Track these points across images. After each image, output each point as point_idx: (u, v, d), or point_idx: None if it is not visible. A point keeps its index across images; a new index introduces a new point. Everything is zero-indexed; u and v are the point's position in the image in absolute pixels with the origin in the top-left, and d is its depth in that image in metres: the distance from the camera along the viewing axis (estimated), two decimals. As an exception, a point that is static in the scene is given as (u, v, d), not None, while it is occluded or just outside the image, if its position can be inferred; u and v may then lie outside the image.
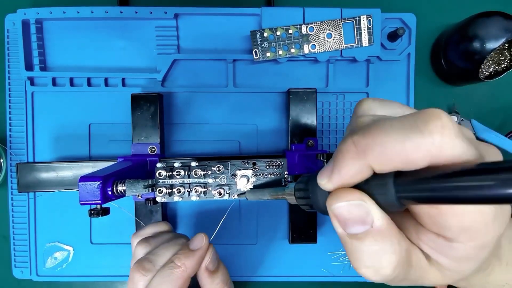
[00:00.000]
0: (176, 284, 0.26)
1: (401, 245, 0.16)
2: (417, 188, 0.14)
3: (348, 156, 0.15)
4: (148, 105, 0.36)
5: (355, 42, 0.37)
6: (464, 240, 0.15)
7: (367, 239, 0.15)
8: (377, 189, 0.15)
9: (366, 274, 0.16)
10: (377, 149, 0.14)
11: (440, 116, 0.13)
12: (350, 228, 0.16)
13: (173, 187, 0.30)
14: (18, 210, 0.39)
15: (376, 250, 0.15)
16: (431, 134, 0.13)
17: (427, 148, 0.13)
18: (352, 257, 0.16)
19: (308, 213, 0.37)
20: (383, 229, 0.15)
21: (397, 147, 0.14)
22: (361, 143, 0.15)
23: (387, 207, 0.15)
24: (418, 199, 0.14)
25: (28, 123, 0.39)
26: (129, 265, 0.39)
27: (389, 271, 0.15)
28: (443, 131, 0.13)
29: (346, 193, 0.16)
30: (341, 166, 0.15)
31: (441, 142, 0.13)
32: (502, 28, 0.34)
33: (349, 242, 0.16)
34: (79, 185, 0.27)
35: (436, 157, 0.13)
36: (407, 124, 0.14)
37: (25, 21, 0.37)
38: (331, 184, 0.16)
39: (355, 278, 0.40)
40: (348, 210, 0.15)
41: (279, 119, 0.39)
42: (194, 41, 0.39)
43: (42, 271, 0.39)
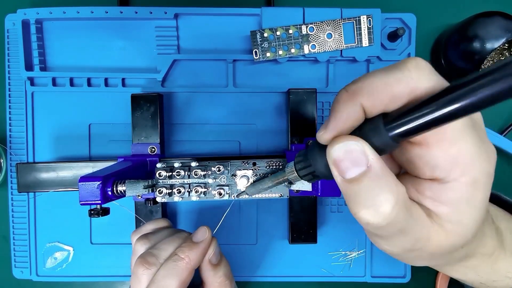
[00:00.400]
0: (181, 276, 0.26)
1: (398, 187, 0.16)
2: (404, 120, 0.15)
3: (341, 101, 0.17)
4: (148, 105, 0.36)
5: (355, 42, 0.37)
6: (455, 176, 0.16)
7: (364, 180, 0.16)
8: (370, 132, 0.16)
9: (366, 216, 0.16)
10: (365, 88, 0.16)
11: (415, 58, 0.16)
12: (347, 172, 0.16)
13: (173, 187, 0.30)
14: (18, 210, 0.39)
15: (373, 188, 0.16)
16: (409, 70, 0.16)
17: (407, 81, 0.16)
18: (352, 203, 0.17)
19: (308, 213, 0.37)
20: (378, 169, 0.16)
21: (382, 84, 0.16)
22: (351, 87, 0.17)
23: (384, 148, 0.16)
24: (406, 131, 0.15)
25: (28, 123, 0.39)
26: (129, 265, 0.39)
27: (388, 208, 0.16)
28: (418, 67, 0.16)
29: (342, 137, 0.17)
30: (336, 111, 0.17)
31: (417, 75, 0.16)
32: (502, 28, 0.34)
33: (348, 187, 0.17)
34: (79, 185, 0.27)
35: (415, 88, 0.16)
36: (389, 67, 0.17)
37: (25, 21, 0.37)
38: (327, 132, 0.17)
39: (355, 278, 0.40)
40: (344, 151, 0.16)
41: (279, 119, 0.39)
42: (194, 41, 0.39)
43: (42, 271, 0.39)
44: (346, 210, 0.40)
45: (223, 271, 0.29)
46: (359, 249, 0.40)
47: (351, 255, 0.40)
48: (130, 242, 0.39)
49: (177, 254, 0.27)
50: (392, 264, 0.40)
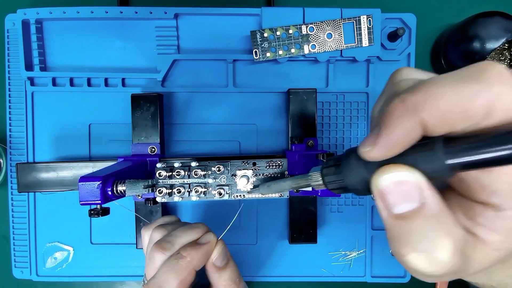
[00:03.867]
0: (180, 274, 0.26)
1: (458, 229, 0.14)
2: (472, 150, 0.13)
3: (396, 115, 0.14)
4: (148, 105, 0.36)
5: (355, 42, 0.37)
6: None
7: (417, 219, 0.14)
8: (424, 157, 0.14)
9: (417, 262, 0.14)
10: (430, 102, 0.13)
11: (496, 65, 0.13)
12: (397, 206, 0.14)
13: (173, 187, 0.30)
14: (18, 210, 0.39)
15: (428, 229, 0.13)
16: (489, 82, 0.12)
17: (486, 96, 0.12)
18: (398, 243, 0.14)
19: (308, 213, 0.37)
20: (436, 207, 0.14)
21: (453, 98, 0.13)
22: (411, 99, 0.13)
23: (435, 176, 0.14)
24: (472, 163, 0.13)
25: (28, 123, 0.39)
26: (129, 265, 0.39)
27: (447, 257, 0.13)
28: (502, 79, 0.12)
29: (393, 166, 0.14)
30: (388, 126, 0.14)
31: (500, 90, 0.12)
32: (502, 28, 0.34)
33: (395, 224, 0.14)
34: (79, 185, 0.27)
35: (494, 107, 0.12)
36: (461, 75, 0.13)
37: (25, 21, 0.37)
38: (376, 150, 0.14)
39: (355, 278, 0.40)
40: (395, 183, 0.14)
41: (279, 119, 0.39)
42: (194, 41, 0.39)
43: (42, 271, 0.39)
44: (346, 210, 0.40)
45: (229, 275, 0.29)
46: (359, 249, 0.40)
47: (351, 255, 0.40)
48: (130, 242, 0.39)
49: (180, 252, 0.27)
50: (392, 264, 0.40)
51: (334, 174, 0.18)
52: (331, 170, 0.19)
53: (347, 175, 0.17)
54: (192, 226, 0.30)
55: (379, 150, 0.14)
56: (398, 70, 0.17)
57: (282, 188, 0.26)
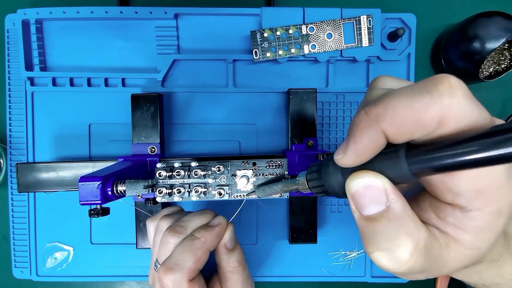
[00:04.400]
0: (196, 253, 0.27)
1: (419, 230, 0.15)
2: (430, 157, 0.14)
3: (361, 125, 0.15)
4: (148, 105, 0.36)
5: (355, 42, 0.37)
6: (479, 205, 0.15)
7: (382, 220, 0.15)
8: (390, 164, 0.15)
9: (380, 259, 0.15)
10: (388, 114, 0.14)
11: (448, 78, 0.14)
12: (365, 209, 0.16)
13: (173, 187, 0.30)
14: (18, 210, 0.39)
15: (391, 231, 0.15)
16: (440, 94, 0.13)
17: (437, 108, 0.13)
18: (366, 241, 0.16)
19: (308, 213, 0.37)
20: (399, 210, 0.15)
21: (407, 110, 0.14)
22: (373, 111, 0.15)
23: (401, 181, 0.15)
24: (431, 168, 0.14)
25: (28, 123, 0.39)
26: (129, 265, 0.39)
27: (406, 255, 0.15)
28: (452, 92, 0.13)
29: (362, 172, 0.16)
30: (355, 136, 0.15)
31: (449, 102, 0.13)
32: (502, 28, 0.34)
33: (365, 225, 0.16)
34: (79, 185, 0.27)
35: (446, 117, 0.13)
36: (416, 88, 0.14)
37: (25, 21, 0.37)
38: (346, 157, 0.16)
39: (355, 278, 0.40)
40: (364, 187, 0.15)
41: (279, 119, 0.39)
42: (194, 41, 0.39)
43: (42, 271, 0.39)
44: (346, 210, 0.40)
45: (237, 257, 0.31)
46: (359, 249, 0.40)
47: (351, 255, 0.40)
48: (130, 242, 0.39)
49: (193, 234, 0.29)
50: (392, 264, 0.40)
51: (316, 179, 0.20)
52: (313, 175, 0.20)
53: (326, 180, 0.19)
54: (202, 212, 0.31)
55: (349, 158, 0.16)
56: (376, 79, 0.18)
57: (275, 191, 0.27)
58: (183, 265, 0.27)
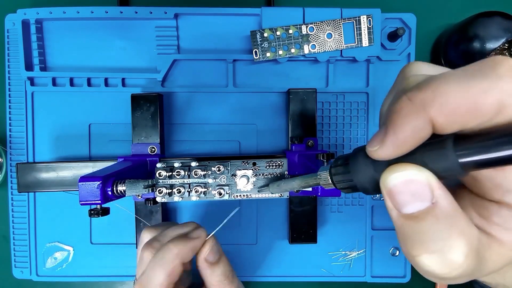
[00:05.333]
0: (167, 267, 0.26)
1: (471, 229, 0.13)
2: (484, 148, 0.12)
3: (403, 113, 0.13)
4: (148, 105, 0.36)
5: (355, 42, 0.37)
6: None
7: (428, 218, 0.13)
8: (435, 155, 0.13)
9: (430, 263, 0.13)
10: (439, 99, 0.12)
11: (508, 60, 0.12)
12: (406, 206, 0.14)
13: (173, 187, 0.30)
14: (18, 210, 0.39)
15: (440, 229, 0.13)
16: (500, 77, 0.12)
17: (496, 93, 0.12)
18: (409, 243, 0.14)
19: (308, 213, 0.37)
20: (447, 207, 0.13)
21: (462, 95, 0.12)
22: (419, 97, 0.13)
23: (447, 175, 0.14)
24: (485, 161, 0.12)
25: (28, 123, 0.39)
26: (129, 265, 0.39)
27: (461, 258, 0.13)
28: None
29: (402, 165, 0.14)
30: (396, 124, 0.13)
31: (511, 86, 0.12)
32: (502, 28, 0.34)
33: (405, 224, 0.14)
34: (79, 185, 0.27)
35: (506, 104, 0.12)
36: (471, 71, 0.13)
37: (25, 21, 0.37)
38: (384, 149, 0.14)
39: (355, 278, 0.40)
40: (404, 182, 0.13)
41: (279, 119, 0.39)
42: (194, 41, 0.39)
43: (42, 271, 0.39)
44: (346, 210, 0.40)
45: (222, 271, 0.29)
46: (359, 249, 0.40)
47: (351, 255, 0.40)
48: (130, 242, 0.39)
49: (167, 244, 0.27)
50: (392, 264, 0.40)
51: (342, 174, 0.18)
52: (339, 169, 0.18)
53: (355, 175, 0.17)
54: (182, 225, 0.30)
55: (387, 149, 0.14)
56: (408, 65, 0.17)
57: (291, 187, 0.26)
58: (155, 282, 0.26)
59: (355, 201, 0.39)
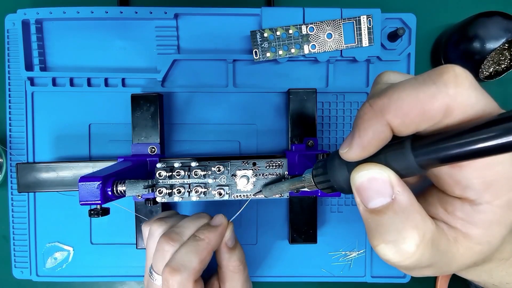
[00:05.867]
0: (201, 254, 0.28)
1: (426, 223, 0.15)
2: (436, 147, 0.14)
3: (366, 118, 0.15)
4: (148, 105, 0.36)
5: (355, 42, 0.37)
6: (489, 198, 0.15)
7: (388, 212, 0.15)
8: (396, 156, 0.15)
9: (386, 252, 0.15)
10: (393, 105, 0.14)
11: (453, 68, 0.14)
12: (371, 201, 0.15)
13: (173, 187, 0.30)
14: (18, 210, 0.39)
15: (396, 223, 0.15)
16: (445, 84, 0.13)
17: (442, 97, 0.13)
18: (371, 234, 0.16)
19: (308, 213, 0.37)
20: (405, 202, 0.15)
21: (412, 100, 0.14)
22: (377, 103, 0.15)
23: (408, 173, 0.15)
24: (438, 159, 0.14)
25: (28, 123, 0.39)
26: (129, 265, 0.39)
27: (412, 247, 0.14)
28: (457, 81, 0.13)
29: (367, 164, 0.16)
30: (360, 129, 0.15)
31: (455, 91, 0.13)
32: (502, 28, 0.34)
33: (370, 218, 0.15)
34: (79, 185, 0.27)
35: (452, 107, 0.13)
36: (421, 79, 0.14)
37: (25, 21, 0.37)
38: (351, 151, 0.16)
39: (355, 278, 0.40)
40: (368, 180, 0.15)
41: (279, 119, 0.39)
42: (194, 41, 0.39)
43: (42, 271, 0.39)
44: (346, 210, 0.40)
45: (238, 256, 0.31)
46: (359, 249, 0.40)
47: (351, 255, 0.40)
48: (130, 242, 0.39)
49: (197, 235, 0.29)
50: (392, 264, 0.40)
51: (322, 175, 0.20)
52: (319, 171, 0.20)
53: (332, 175, 0.18)
54: (197, 216, 0.31)
55: (354, 151, 0.16)
56: (379, 75, 0.18)
57: (281, 189, 0.28)
58: (189, 266, 0.27)
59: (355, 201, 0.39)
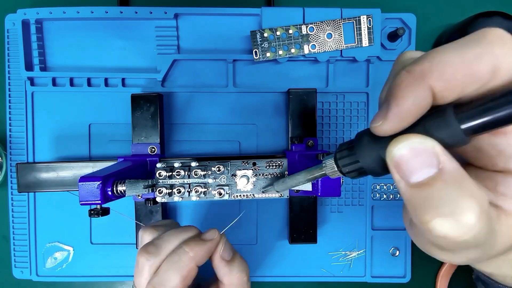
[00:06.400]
0: (183, 270, 0.26)
1: (481, 192, 0.13)
2: (483, 109, 0.13)
3: (404, 85, 0.14)
4: (148, 105, 0.36)
5: (355, 42, 0.37)
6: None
7: (437, 184, 0.13)
8: (437, 124, 0.14)
9: (442, 227, 0.13)
10: (435, 68, 0.13)
11: (496, 29, 0.13)
12: (414, 175, 0.13)
13: (173, 187, 0.30)
14: (18, 210, 0.39)
15: (450, 192, 0.13)
16: (491, 44, 0.13)
17: (489, 57, 0.13)
18: (421, 210, 0.13)
19: (308, 213, 0.37)
20: (454, 171, 0.13)
21: (458, 62, 0.13)
22: (417, 69, 0.14)
23: (451, 142, 0.14)
24: (485, 123, 0.13)
25: (28, 123, 0.39)
26: (129, 265, 0.39)
27: (473, 218, 0.12)
28: (503, 41, 0.13)
29: (406, 135, 0.14)
30: (398, 97, 0.14)
31: (502, 51, 0.13)
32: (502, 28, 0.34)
33: (415, 193, 0.14)
34: (79, 185, 0.27)
35: (499, 67, 0.13)
36: (464, 41, 0.13)
37: (25, 21, 0.37)
38: (387, 122, 0.14)
39: (355, 278, 0.40)
40: (409, 151, 0.13)
41: (279, 119, 0.39)
42: (194, 41, 0.39)
43: (42, 271, 0.39)
44: (346, 210, 0.40)
45: (239, 268, 0.28)
46: (359, 249, 0.40)
47: (351, 255, 0.40)
48: (130, 242, 0.39)
49: (182, 247, 0.26)
50: (392, 264, 0.40)
51: (348, 157, 0.18)
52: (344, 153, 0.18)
53: (361, 156, 0.17)
54: (184, 229, 0.29)
55: (391, 123, 0.14)
56: (402, 53, 0.17)
57: (297, 181, 0.25)
58: (170, 285, 0.25)
59: (355, 201, 0.40)
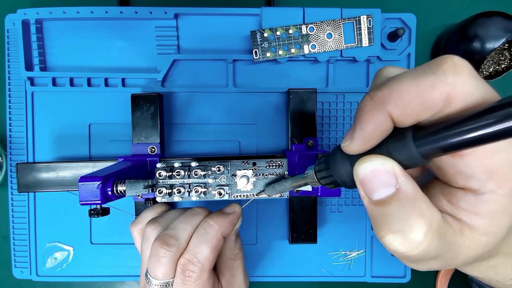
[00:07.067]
0: (212, 243, 0.27)
1: (432, 211, 0.15)
2: (438, 136, 0.14)
3: (367, 110, 0.15)
4: (148, 105, 0.36)
5: (355, 42, 0.37)
6: (492, 187, 0.15)
7: (393, 203, 0.15)
8: (398, 146, 0.15)
9: (393, 242, 0.15)
10: (393, 95, 0.14)
11: (452, 58, 0.14)
12: (375, 193, 0.15)
13: (173, 187, 0.30)
14: (18, 210, 0.39)
15: (403, 212, 0.14)
16: (444, 73, 0.14)
17: (442, 86, 0.13)
18: (378, 226, 0.15)
19: (308, 213, 0.37)
20: (409, 191, 0.15)
21: (413, 90, 0.14)
22: (378, 94, 0.15)
23: (410, 164, 0.15)
24: (440, 148, 0.14)
25: (28, 123, 0.39)
26: (129, 265, 0.39)
27: (420, 236, 0.14)
28: (456, 70, 0.14)
29: (370, 156, 0.15)
30: (361, 121, 0.15)
31: (455, 80, 0.13)
32: (502, 28, 0.34)
33: (375, 209, 0.15)
34: (79, 185, 0.27)
35: (452, 96, 0.14)
36: (421, 70, 0.14)
37: (25, 21, 0.37)
38: (353, 143, 0.16)
39: (355, 278, 0.40)
40: (372, 171, 0.15)
41: (279, 119, 0.39)
42: (194, 41, 0.39)
43: (42, 271, 0.39)
44: (346, 210, 0.40)
45: (239, 246, 0.31)
46: (359, 249, 0.40)
47: (351, 255, 0.40)
48: (130, 242, 0.39)
49: (207, 221, 0.28)
50: (392, 264, 0.40)
51: (324, 170, 0.20)
52: (322, 166, 0.20)
53: (334, 170, 0.18)
54: (193, 214, 0.29)
55: (356, 144, 0.16)
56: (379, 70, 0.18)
57: (284, 188, 0.27)
58: (202, 257, 0.27)
59: (355, 201, 0.40)
